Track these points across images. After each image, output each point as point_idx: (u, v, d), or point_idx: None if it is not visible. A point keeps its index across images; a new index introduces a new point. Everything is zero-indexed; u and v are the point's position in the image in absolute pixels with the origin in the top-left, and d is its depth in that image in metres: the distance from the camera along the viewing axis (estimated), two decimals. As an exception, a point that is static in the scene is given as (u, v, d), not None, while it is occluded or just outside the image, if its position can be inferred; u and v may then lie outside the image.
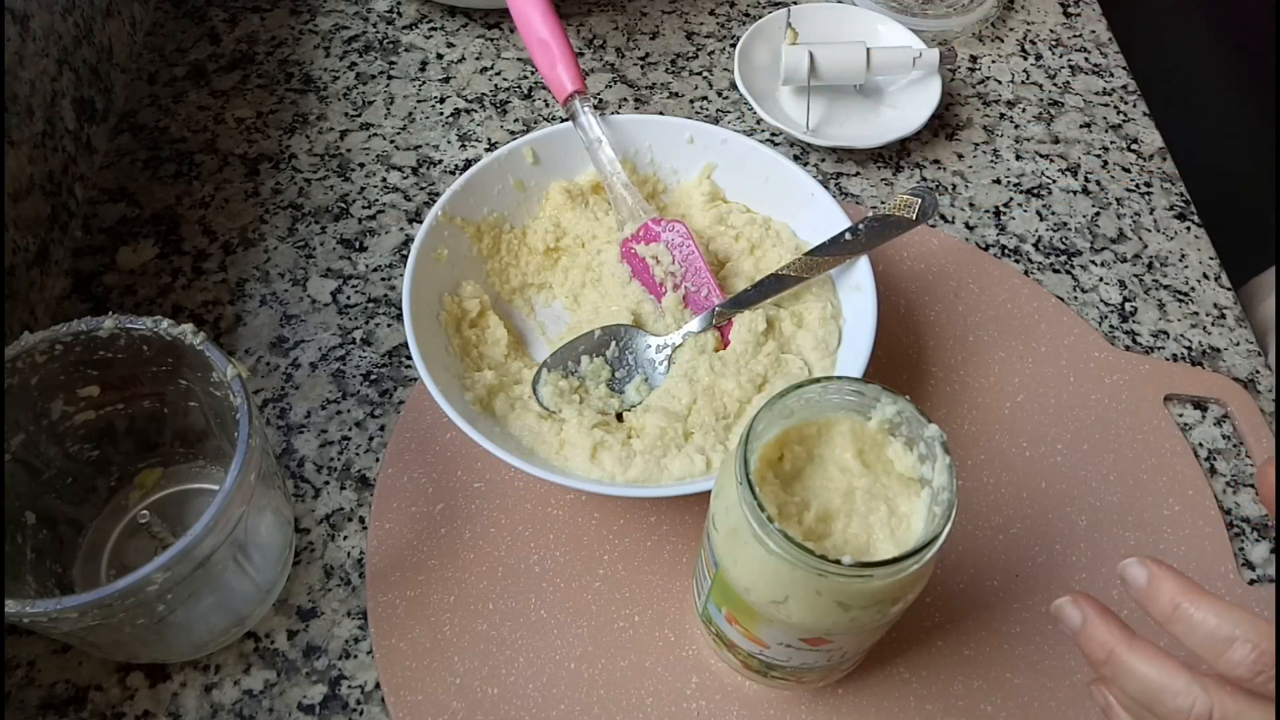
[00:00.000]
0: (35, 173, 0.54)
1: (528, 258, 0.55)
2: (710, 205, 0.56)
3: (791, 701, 0.44)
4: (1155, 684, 0.31)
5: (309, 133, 0.64)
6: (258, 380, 0.53)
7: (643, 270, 0.53)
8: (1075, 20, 0.74)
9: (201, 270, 0.57)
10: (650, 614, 0.46)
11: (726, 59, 0.70)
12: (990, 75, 0.70)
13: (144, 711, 0.43)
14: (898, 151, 0.65)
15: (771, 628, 0.36)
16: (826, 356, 0.50)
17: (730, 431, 0.48)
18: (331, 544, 0.48)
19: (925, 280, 0.58)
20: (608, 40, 0.71)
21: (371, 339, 0.55)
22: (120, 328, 0.40)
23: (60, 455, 0.43)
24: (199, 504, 0.46)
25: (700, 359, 0.49)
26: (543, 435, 0.47)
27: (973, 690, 0.44)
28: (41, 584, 0.41)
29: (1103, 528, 0.49)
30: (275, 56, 0.68)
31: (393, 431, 0.51)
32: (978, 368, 0.54)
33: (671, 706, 0.43)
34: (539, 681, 0.44)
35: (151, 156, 0.62)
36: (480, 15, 0.71)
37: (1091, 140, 0.66)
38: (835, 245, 0.50)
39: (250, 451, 0.37)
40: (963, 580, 0.47)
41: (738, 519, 0.35)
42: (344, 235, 0.59)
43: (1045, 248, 0.60)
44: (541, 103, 0.66)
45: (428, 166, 0.63)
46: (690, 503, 0.48)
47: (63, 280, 0.56)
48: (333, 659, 0.45)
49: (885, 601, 0.34)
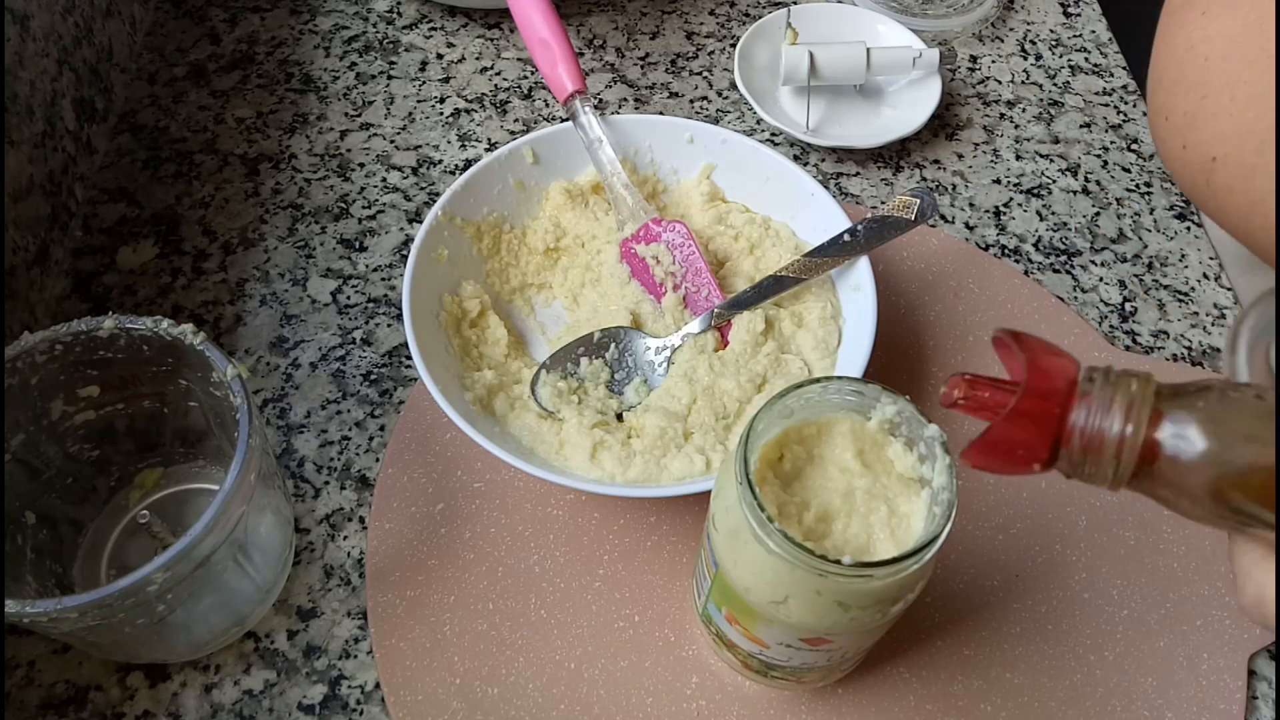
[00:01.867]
0: (35, 173, 0.54)
1: (528, 258, 0.55)
2: (710, 205, 0.56)
3: (791, 701, 0.44)
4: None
5: (309, 133, 0.64)
6: (258, 380, 0.53)
7: (643, 270, 0.53)
8: (1075, 20, 0.74)
9: (201, 270, 0.57)
10: (650, 614, 0.46)
11: (726, 59, 0.70)
12: (990, 75, 0.70)
13: (144, 711, 0.43)
14: (898, 151, 0.65)
15: (771, 628, 0.36)
16: (826, 356, 0.50)
17: (730, 431, 0.48)
18: (331, 544, 0.48)
19: (925, 280, 0.58)
20: (608, 40, 0.71)
21: (371, 339, 0.55)
22: (120, 328, 0.40)
23: (60, 455, 0.43)
24: (199, 504, 0.46)
25: (700, 359, 0.49)
26: (542, 435, 0.47)
27: (973, 690, 0.44)
28: (41, 584, 0.41)
29: (1103, 528, 0.49)
30: (275, 56, 0.68)
31: (393, 431, 0.51)
32: (977, 367, 0.54)
33: (671, 706, 0.43)
34: (539, 681, 0.44)
35: (151, 156, 0.62)
36: (480, 15, 0.71)
37: (1091, 140, 0.66)
38: (834, 246, 0.50)
39: (250, 451, 0.37)
40: (963, 580, 0.47)
41: (738, 519, 0.35)
42: (344, 235, 0.59)
43: (1045, 248, 0.60)
44: (541, 103, 0.66)
45: (428, 166, 0.63)
46: (690, 503, 0.48)
47: (63, 280, 0.56)
48: (333, 659, 0.45)
49: (885, 601, 0.34)
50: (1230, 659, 0.45)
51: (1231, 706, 0.44)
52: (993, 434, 0.28)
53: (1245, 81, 0.36)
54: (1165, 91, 0.41)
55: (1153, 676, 0.45)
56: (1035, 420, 0.27)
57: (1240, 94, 0.36)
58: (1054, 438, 0.27)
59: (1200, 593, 0.47)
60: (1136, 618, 0.46)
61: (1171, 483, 0.25)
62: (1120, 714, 0.44)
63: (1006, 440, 0.28)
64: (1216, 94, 0.37)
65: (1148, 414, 0.26)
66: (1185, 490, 0.25)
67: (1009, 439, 0.28)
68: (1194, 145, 0.38)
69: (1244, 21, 0.37)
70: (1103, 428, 0.26)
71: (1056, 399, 0.27)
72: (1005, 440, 0.28)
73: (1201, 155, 0.37)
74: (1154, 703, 0.44)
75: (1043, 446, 0.27)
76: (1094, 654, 0.45)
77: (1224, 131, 0.36)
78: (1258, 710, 0.45)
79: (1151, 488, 0.26)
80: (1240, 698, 0.44)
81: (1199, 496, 0.25)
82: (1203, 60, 0.38)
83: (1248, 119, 0.35)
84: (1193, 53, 0.39)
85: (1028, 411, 0.27)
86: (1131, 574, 0.47)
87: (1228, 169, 0.36)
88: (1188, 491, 0.25)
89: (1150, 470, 0.26)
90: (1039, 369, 0.28)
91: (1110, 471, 0.26)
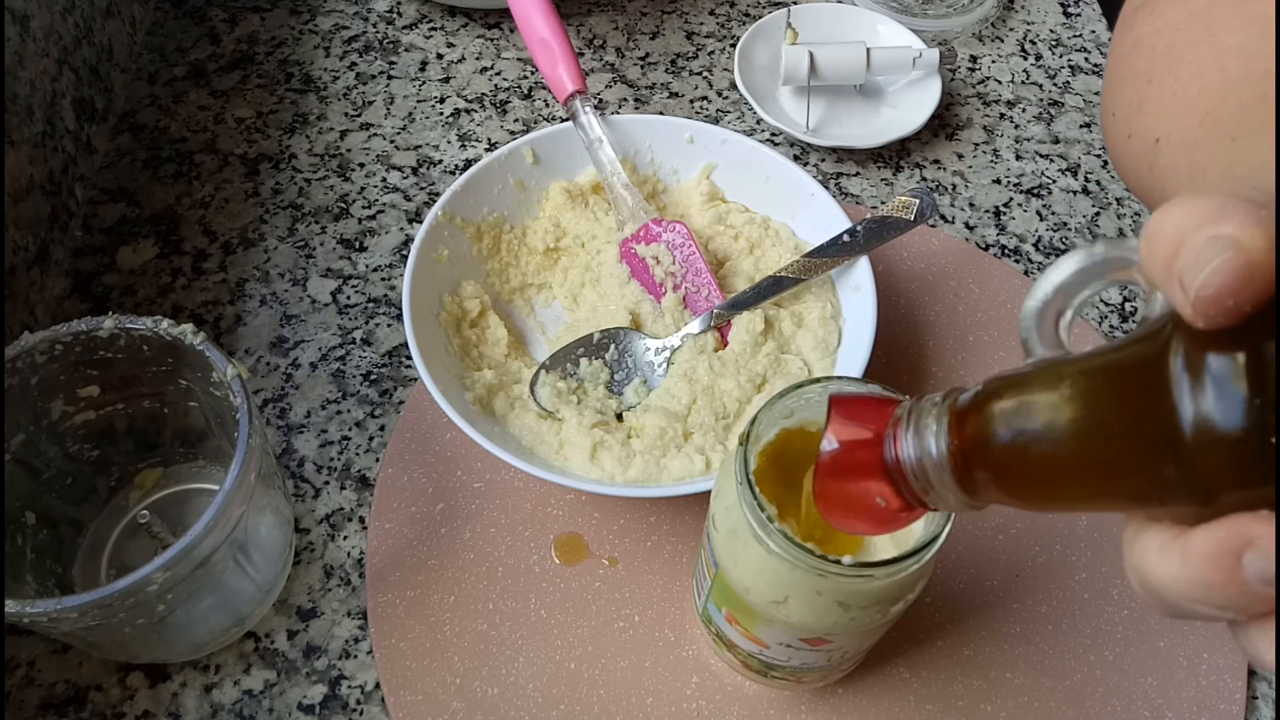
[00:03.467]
0: (35, 173, 0.54)
1: (528, 258, 0.55)
2: (709, 205, 0.56)
3: (791, 701, 0.44)
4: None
5: (309, 133, 0.64)
6: (258, 380, 0.53)
7: (642, 270, 0.53)
8: (1075, 20, 0.74)
9: (201, 270, 0.57)
10: (650, 614, 0.46)
11: (726, 59, 0.70)
12: (990, 75, 0.70)
13: (144, 711, 0.43)
14: (898, 151, 0.65)
15: (771, 628, 0.36)
16: (826, 356, 0.50)
17: (730, 431, 0.48)
18: (331, 544, 0.48)
19: (925, 280, 0.58)
20: (608, 40, 0.71)
21: (371, 339, 0.55)
22: (120, 328, 0.40)
23: (60, 455, 0.43)
24: (199, 504, 0.47)
25: (700, 359, 0.49)
26: (542, 435, 0.47)
27: (973, 690, 0.44)
28: (41, 584, 0.41)
29: (1103, 528, 0.49)
30: (275, 56, 0.68)
31: (393, 431, 0.51)
32: (978, 368, 0.54)
33: (671, 706, 0.43)
34: (539, 681, 0.44)
35: (151, 156, 0.62)
36: (480, 15, 0.71)
37: (1091, 140, 0.66)
38: (833, 247, 0.50)
39: (250, 451, 0.37)
40: (963, 580, 0.47)
41: (738, 519, 0.35)
42: (344, 235, 0.59)
43: (1045, 248, 0.60)
44: (541, 103, 0.66)
45: (428, 166, 0.63)
46: (690, 503, 0.48)
47: (63, 280, 0.56)
48: (333, 659, 0.45)
49: (885, 601, 0.34)
50: (1230, 659, 0.45)
51: (1231, 706, 0.44)
52: (831, 494, 0.28)
53: (1189, 62, 0.36)
54: (1114, 89, 0.41)
55: (1153, 676, 0.45)
56: (859, 468, 0.28)
57: (1184, 73, 0.36)
58: (887, 477, 0.27)
59: (1200, 593, 0.47)
60: (1136, 618, 0.46)
61: (1009, 478, 0.24)
62: (1120, 714, 0.44)
63: (843, 495, 0.28)
64: (1161, 78, 0.37)
65: (945, 420, 0.25)
66: (1026, 486, 0.24)
67: (846, 494, 0.28)
68: (1138, 131, 0.38)
69: (1190, 10, 0.38)
70: (913, 450, 0.26)
71: (871, 443, 0.27)
72: (842, 495, 0.28)
73: (1145, 140, 0.38)
74: (1154, 703, 0.44)
75: (888, 492, 0.27)
76: (1094, 654, 0.45)
77: (1168, 112, 0.37)
78: (1258, 710, 0.45)
79: (1001, 493, 0.25)
80: (1240, 698, 0.44)
81: (1040, 487, 0.24)
82: (1149, 51, 0.39)
83: (1190, 96, 0.36)
84: (1140, 46, 0.39)
85: (847, 463, 0.28)
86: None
87: (1170, 148, 0.36)
88: (1027, 486, 0.24)
89: (983, 477, 0.25)
90: (843, 422, 0.28)
91: (950, 486, 0.26)
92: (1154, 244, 0.21)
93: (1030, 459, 0.23)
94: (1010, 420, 0.24)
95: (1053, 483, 0.24)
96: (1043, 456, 0.23)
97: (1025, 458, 0.24)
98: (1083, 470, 0.23)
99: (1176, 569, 0.21)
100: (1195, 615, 0.22)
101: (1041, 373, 0.24)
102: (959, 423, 0.25)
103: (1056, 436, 0.23)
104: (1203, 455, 0.20)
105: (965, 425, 0.25)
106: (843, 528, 0.30)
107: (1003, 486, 0.25)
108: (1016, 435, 0.24)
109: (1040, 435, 0.23)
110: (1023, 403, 0.24)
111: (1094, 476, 0.23)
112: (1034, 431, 0.23)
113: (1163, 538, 0.22)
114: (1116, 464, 0.22)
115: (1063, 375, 0.23)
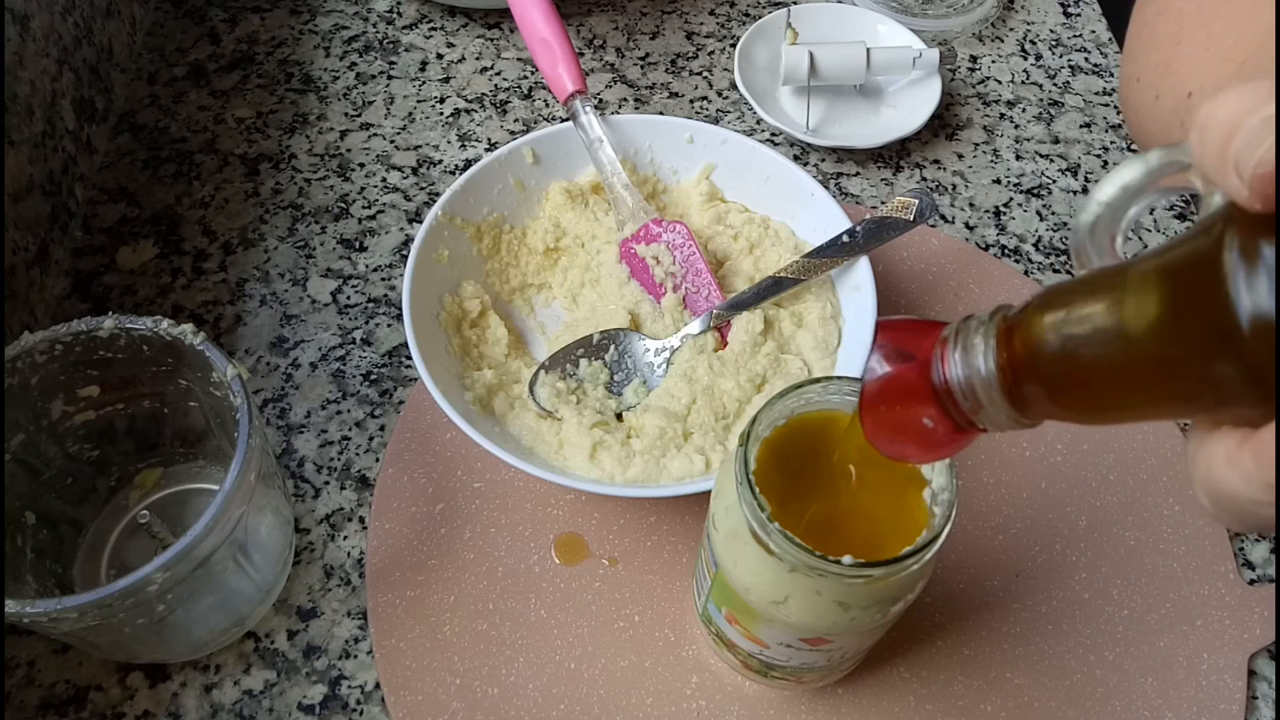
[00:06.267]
0: (35, 173, 0.54)
1: (527, 258, 0.55)
2: (709, 205, 0.56)
3: (791, 701, 0.44)
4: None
5: (309, 133, 0.64)
6: (258, 380, 0.53)
7: (642, 271, 0.53)
8: (1075, 20, 0.74)
9: (201, 270, 0.57)
10: (650, 614, 0.46)
11: (726, 59, 0.70)
12: (990, 75, 0.70)
13: (144, 711, 0.43)
14: (898, 151, 0.65)
15: (771, 628, 0.36)
16: (826, 356, 0.50)
17: (730, 431, 0.48)
18: (331, 544, 0.48)
19: (925, 280, 0.58)
20: (608, 40, 0.71)
21: (371, 339, 0.55)
22: (120, 328, 0.40)
23: (60, 455, 0.43)
24: (199, 504, 0.47)
25: (699, 359, 0.49)
26: (542, 435, 0.47)
27: (973, 690, 0.44)
28: (41, 584, 0.41)
29: (1103, 528, 0.49)
30: (275, 56, 0.68)
31: (393, 431, 0.51)
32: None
33: (671, 706, 0.43)
34: (539, 681, 0.44)
35: (151, 156, 0.62)
36: (480, 15, 0.71)
37: (1091, 140, 0.66)
38: (833, 247, 0.50)
39: (250, 451, 0.37)
40: (963, 580, 0.47)
41: (738, 519, 0.35)
42: (344, 235, 0.59)
43: (1045, 248, 0.60)
44: (541, 103, 0.66)
45: (428, 166, 0.63)
46: (690, 503, 0.48)
47: (63, 280, 0.56)
48: (333, 659, 0.45)
49: (885, 601, 0.34)
50: (1230, 659, 0.45)
51: (1231, 706, 0.44)
52: (880, 420, 0.28)
53: (1222, 17, 0.36)
54: (1137, 58, 0.41)
55: (1153, 676, 0.45)
56: (907, 392, 0.27)
57: (1217, 29, 0.36)
58: (936, 399, 0.26)
59: (1200, 593, 0.47)
60: (1136, 618, 0.46)
61: (1062, 389, 0.24)
62: (1120, 714, 0.44)
63: (891, 420, 0.28)
64: (1192, 37, 0.37)
65: (993, 336, 0.25)
66: (1079, 395, 0.24)
67: (894, 419, 0.28)
68: (1167, 91, 0.38)
69: None
70: (961, 369, 0.26)
71: (918, 367, 0.27)
72: (890, 421, 0.28)
73: (1176, 97, 0.37)
74: (1154, 703, 0.44)
75: (938, 416, 0.27)
76: (1094, 654, 0.45)
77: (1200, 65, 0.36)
78: (1258, 710, 0.45)
79: (1053, 405, 0.24)
80: (1240, 698, 0.44)
81: (1094, 395, 0.23)
82: (1177, 15, 0.39)
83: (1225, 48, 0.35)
84: (1165, 14, 0.39)
85: (894, 388, 0.27)
86: (1131, 574, 0.47)
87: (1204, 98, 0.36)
88: (1080, 396, 0.24)
89: (1033, 391, 0.24)
90: (889, 347, 0.28)
91: (1000, 403, 0.25)
92: (1207, 134, 0.20)
93: (1083, 366, 0.23)
94: (1061, 328, 0.23)
95: (1107, 390, 0.23)
96: (1096, 362, 0.23)
97: (1077, 365, 0.23)
98: (1138, 374, 0.22)
99: (1250, 472, 0.20)
100: (1272, 523, 0.21)
101: (1092, 279, 0.23)
102: (1008, 337, 0.25)
103: (1109, 340, 0.22)
104: (1261, 346, 0.19)
105: (1014, 339, 0.25)
106: (891, 455, 0.29)
107: (1055, 399, 0.24)
108: (1067, 342, 0.23)
109: (1092, 340, 0.22)
110: (1073, 309, 0.23)
111: (1149, 379, 0.22)
112: (1086, 337, 0.23)
113: (1229, 444, 0.21)
114: (1173, 364, 0.21)
115: (1114, 279, 0.23)
